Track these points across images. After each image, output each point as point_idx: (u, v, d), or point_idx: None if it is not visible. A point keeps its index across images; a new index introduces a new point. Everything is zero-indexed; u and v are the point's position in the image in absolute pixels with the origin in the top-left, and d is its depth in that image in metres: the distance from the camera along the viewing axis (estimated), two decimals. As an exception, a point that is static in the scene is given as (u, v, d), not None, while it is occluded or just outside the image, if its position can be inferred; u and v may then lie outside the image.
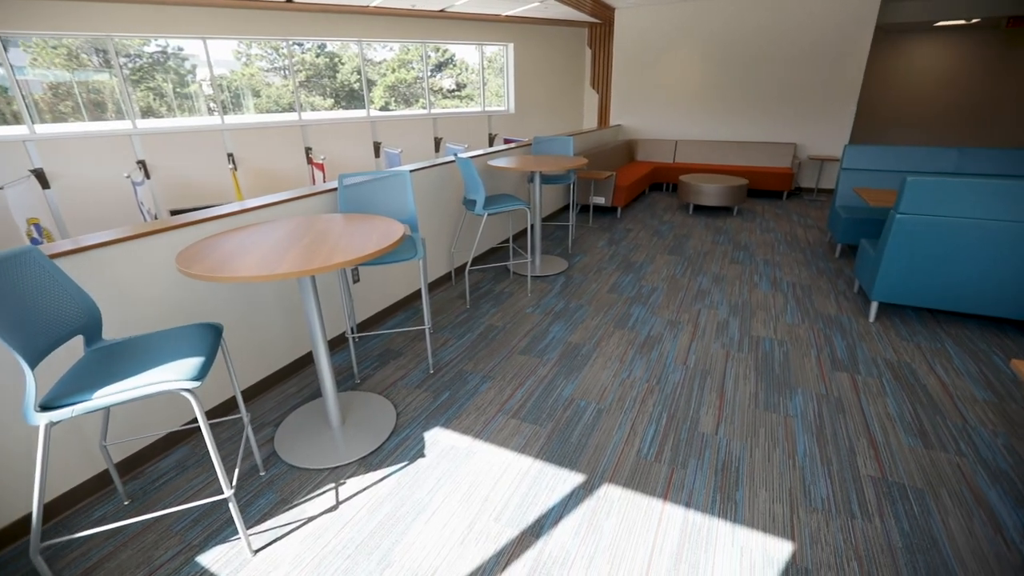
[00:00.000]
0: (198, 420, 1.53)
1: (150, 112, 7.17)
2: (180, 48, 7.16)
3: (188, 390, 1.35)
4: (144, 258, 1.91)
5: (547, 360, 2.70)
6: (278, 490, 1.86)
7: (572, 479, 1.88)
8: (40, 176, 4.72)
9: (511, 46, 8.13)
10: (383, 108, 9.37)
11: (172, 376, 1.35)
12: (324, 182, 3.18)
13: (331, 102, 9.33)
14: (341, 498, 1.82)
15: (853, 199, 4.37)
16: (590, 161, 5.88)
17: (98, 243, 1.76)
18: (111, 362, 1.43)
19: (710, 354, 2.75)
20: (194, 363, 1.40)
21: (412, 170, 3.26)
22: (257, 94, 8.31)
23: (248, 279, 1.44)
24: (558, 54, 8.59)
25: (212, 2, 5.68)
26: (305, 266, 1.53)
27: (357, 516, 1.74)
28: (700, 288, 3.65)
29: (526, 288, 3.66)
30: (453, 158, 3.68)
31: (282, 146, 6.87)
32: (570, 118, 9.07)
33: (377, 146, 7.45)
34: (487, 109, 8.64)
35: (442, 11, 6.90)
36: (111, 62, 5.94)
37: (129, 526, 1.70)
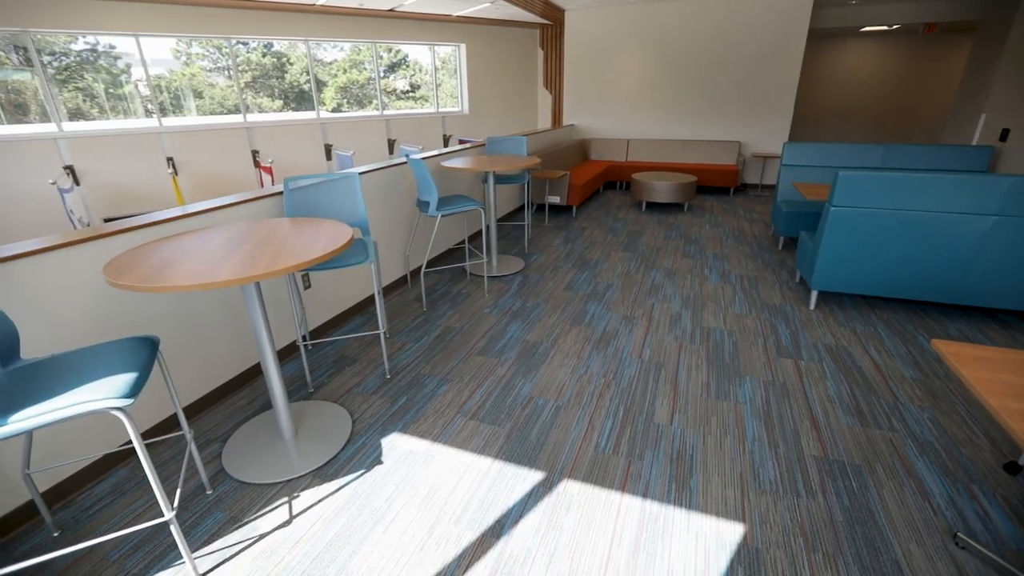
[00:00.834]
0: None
1: (79, 114, 6.71)
2: (112, 46, 6.74)
3: (119, 409, 1.27)
4: (70, 269, 1.79)
5: (505, 360, 2.70)
6: (226, 508, 1.77)
7: (532, 477, 1.89)
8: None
9: (463, 47, 8.11)
10: (335, 109, 9.13)
11: (100, 395, 1.26)
12: (273, 186, 3.07)
13: (280, 103, 9.01)
14: (295, 512, 1.75)
15: (793, 194, 4.60)
16: (544, 161, 5.94)
17: (10, 255, 1.63)
18: (31, 383, 1.33)
19: (664, 347, 2.82)
20: (125, 380, 1.32)
21: (363, 172, 3.19)
22: (200, 95, 7.92)
23: (184, 288, 1.37)
24: (511, 55, 8.63)
25: (144, -2, 5.39)
26: (246, 272, 1.47)
27: (312, 529, 1.68)
28: (653, 283, 3.75)
29: (483, 289, 3.66)
30: (406, 159, 3.62)
31: (227, 149, 6.59)
32: (524, 118, 9.13)
33: (329, 148, 7.26)
34: (441, 110, 8.58)
35: (391, 11, 6.79)
36: (32, 60, 5.52)
37: (59, 558, 1.58)
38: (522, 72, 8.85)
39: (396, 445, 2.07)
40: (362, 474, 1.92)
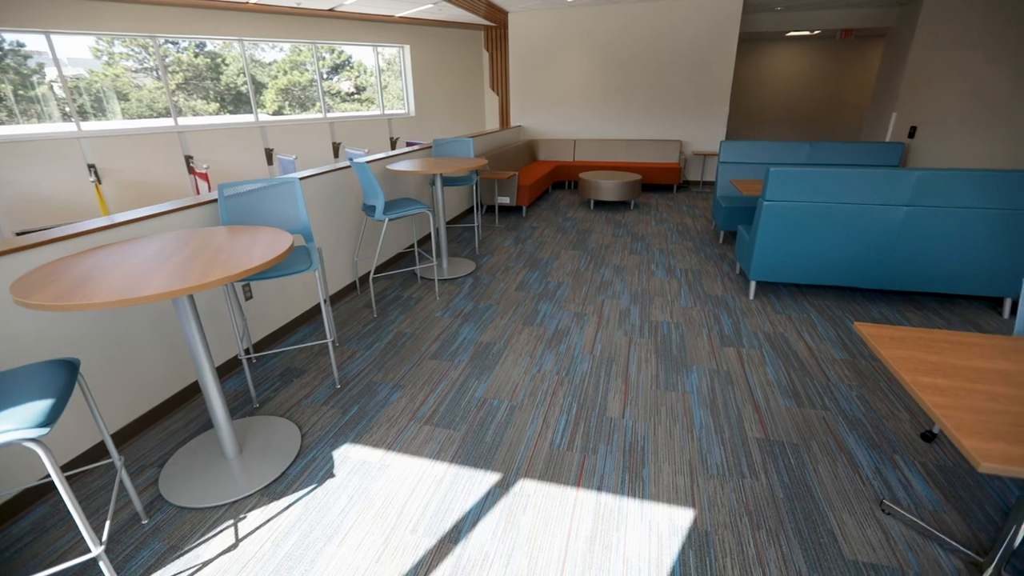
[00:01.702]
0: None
1: (-18, 119, 6.13)
2: (20, 43, 6.20)
3: (33, 439, 1.17)
4: (-29, 290, 1.63)
5: (458, 362, 2.68)
6: (165, 537, 1.67)
7: (488, 479, 1.89)
8: None
9: (407, 48, 8.00)
10: (276, 112, 8.78)
11: (11, 425, 1.16)
12: (210, 192, 2.92)
13: (216, 106, 8.57)
14: (241, 535, 1.67)
15: (730, 189, 4.83)
16: (493, 162, 5.95)
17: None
18: (-73, 417, 1.20)
19: (614, 342, 2.89)
20: (39, 407, 1.22)
21: (305, 177, 3.09)
22: (125, 97, 7.41)
23: (104, 305, 1.28)
24: (456, 56, 8.60)
25: (54, -7, 4.99)
26: (177, 285, 1.39)
27: (260, 551, 1.61)
28: (603, 280, 3.84)
29: (434, 292, 3.62)
30: (350, 163, 3.53)
31: (158, 155, 6.20)
32: (472, 120, 9.12)
33: (270, 153, 6.98)
34: (387, 112, 8.43)
35: (331, 10, 6.62)
36: (-77, 61, 5.00)
37: (-29, 607, 1.44)
38: (468, 73, 8.84)
39: (349, 456, 2.02)
40: (313, 489, 1.85)
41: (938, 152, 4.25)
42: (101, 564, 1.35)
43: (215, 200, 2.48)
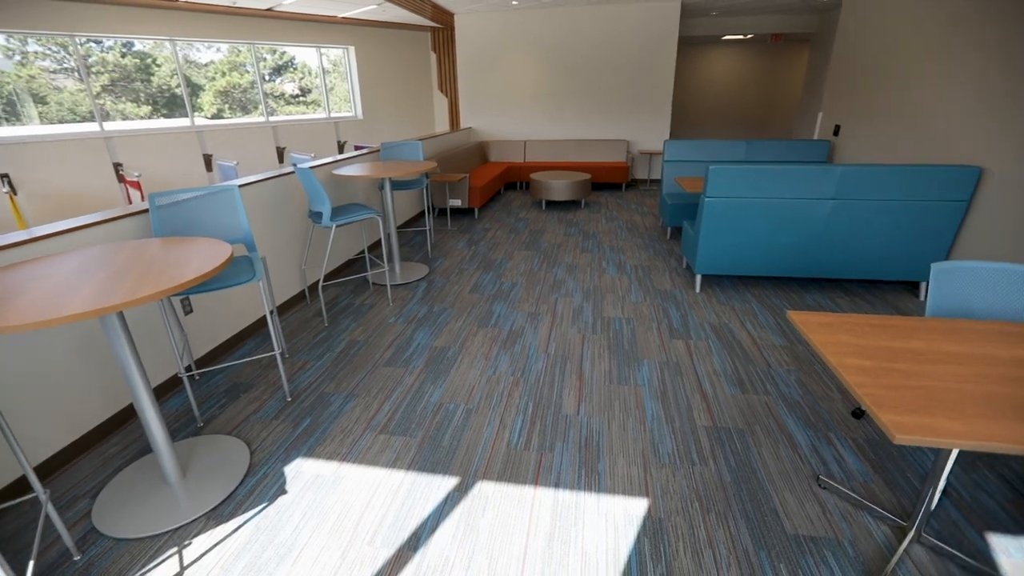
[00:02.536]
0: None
1: None
2: (-87, 44, 5.64)
3: (-60, 477, 1.07)
4: None
5: (413, 368, 2.66)
6: (101, 572, 1.56)
7: (446, 484, 1.88)
8: None
9: (352, 49, 7.83)
10: (216, 116, 8.37)
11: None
12: (142, 202, 2.76)
13: (148, 110, 8.08)
14: (186, 562, 1.59)
15: (675, 187, 5.00)
16: (443, 164, 5.92)
17: None
18: None
19: (568, 339, 2.94)
20: (-53, 442, 1.11)
21: (245, 184, 2.97)
22: (43, 100, 6.86)
23: (19, 328, 1.19)
24: (403, 58, 8.49)
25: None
26: (103, 303, 1.31)
27: (208, 577, 1.54)
28: (556, 279, 3.89)
29: (387, 298, 3.57)
30: (293, 169, 3.43)
31: (82, 163, 5.79)
32: (421, 122, 9.03)
33: (209, 159, 6.66)
34: (334, 115, 8.22)
35: (270, 10, 6.38)
36: None
37: None
38: (416, 75, 8.74)
39: (301, 471, 1.96)
40: (264, 507, 1.79)
41: (859, 149, 4.57)
42: (26, 607, 1.25)
43: (147, 210, 2.34)
